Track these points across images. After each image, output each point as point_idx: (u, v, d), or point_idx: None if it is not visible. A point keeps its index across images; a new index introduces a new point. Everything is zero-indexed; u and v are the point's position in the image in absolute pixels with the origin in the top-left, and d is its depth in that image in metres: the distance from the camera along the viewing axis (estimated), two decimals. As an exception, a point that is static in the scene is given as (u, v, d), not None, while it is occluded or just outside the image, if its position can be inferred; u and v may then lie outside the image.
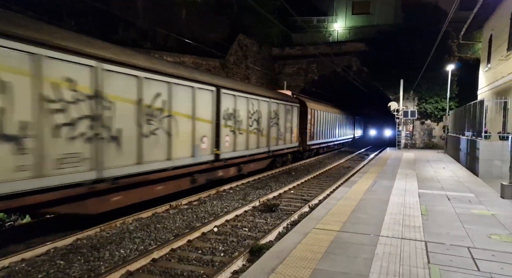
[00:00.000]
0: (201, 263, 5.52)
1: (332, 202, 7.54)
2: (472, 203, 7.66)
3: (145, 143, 7.83)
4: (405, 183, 10.22)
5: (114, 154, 7.06)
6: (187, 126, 9.40)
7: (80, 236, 6.48)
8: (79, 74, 6.30)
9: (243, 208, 8.76)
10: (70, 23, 13.12)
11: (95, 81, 6.61)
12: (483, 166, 11.31)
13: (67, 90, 6.09)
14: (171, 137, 8.71)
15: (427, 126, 25.78)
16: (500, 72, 14.89)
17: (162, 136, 8.42)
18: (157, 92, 8.21)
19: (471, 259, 4.41)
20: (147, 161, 7.92)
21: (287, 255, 4.46)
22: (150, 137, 8.00)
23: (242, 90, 12.47)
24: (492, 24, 16.81)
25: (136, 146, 7.62)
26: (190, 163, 9.50)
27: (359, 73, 26.40)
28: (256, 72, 24.73)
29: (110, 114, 6.96)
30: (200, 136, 9.96)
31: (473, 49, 26.30)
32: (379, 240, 5.08)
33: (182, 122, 9.12)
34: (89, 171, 6.52)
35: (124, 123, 7.28)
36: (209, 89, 10.39)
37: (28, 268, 5.19)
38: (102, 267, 5.29)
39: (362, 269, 4.05)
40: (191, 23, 19.08)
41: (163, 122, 8.44)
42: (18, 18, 5.72)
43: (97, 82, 6.64)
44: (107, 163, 6.87)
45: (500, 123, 14.20)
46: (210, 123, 10.51)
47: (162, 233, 6.91)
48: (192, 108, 9.56)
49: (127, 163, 7.38)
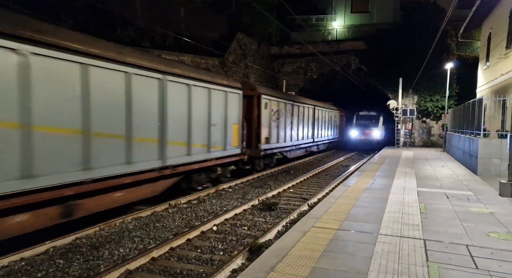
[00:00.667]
0: (200, 261, 5.52)
1: (331, 200, 7.55)
2: (471, 201, 7.68)
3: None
4: (404, 181, 10.23)
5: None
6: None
7: (79, 235, 6.48)
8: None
9: (242, 206, 8.76)
10: (68, 22, 13.08)
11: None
12: (481, 164, 11.33)
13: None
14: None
15: (426, 124, 25.81)
16: (499, 70, 14.90)
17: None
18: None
19: (469, 257, 4.42)
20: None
21: (286, 254, 4.47)
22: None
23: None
24: (491, 22, 16.82)
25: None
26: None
27: (358, 72, 26.41)
28: (255, 71, 24.71)
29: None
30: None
31: (472, 48, 26.32)
32: (378, 238, 5.09)
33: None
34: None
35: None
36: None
37: (27, 267, 5.19)
38: (102, 266, 5.29)
39: (361, 267, 4.06)
40: (190, 22, 19.05)
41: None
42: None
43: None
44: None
45: (498, 121, 14.22)
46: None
47: (161, 232, 6.92)
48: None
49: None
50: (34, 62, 5.50)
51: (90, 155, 6.50)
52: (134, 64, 7.45)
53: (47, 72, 5.73)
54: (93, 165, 6.56)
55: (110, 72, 6.92)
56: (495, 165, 11.11)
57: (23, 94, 5.37)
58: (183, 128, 9.22)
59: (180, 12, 19.28)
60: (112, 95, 7.01)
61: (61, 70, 5.95)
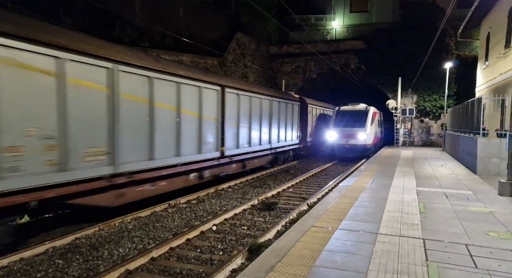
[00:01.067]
0: (200, 261, 5.52)
1: (331, 200, 7.56)
2: (470, 201, 7.69)
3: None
4: (404, 180, 10.24)
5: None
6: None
7: (79, 235, 6.48)
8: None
9: (242, 206, 8.77)
10: (67, 22, 13.05)
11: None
12: (481, 163, 11.34)
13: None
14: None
15: (425, 124, 25.82)
16: (498, 70, 14.92)
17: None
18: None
19: (469, 256, 4.42)
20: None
21: (285, 253, 4.47)
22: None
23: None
24: (490, 22, 16.84)
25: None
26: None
27: (357, 72, 26.42)
28: (255, 70, 24.70)
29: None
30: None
31: (471, 47, 26.33)
32: (378, 238, 5.09)
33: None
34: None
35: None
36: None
37: (27, 268, 5.19)
38: (101, 266, 5.29)
39: (360, 267, 4.07)
40: (189, 22, 19.03)
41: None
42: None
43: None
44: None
45: (498, 120, 14.23)
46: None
47: (161, 232, 6.91)
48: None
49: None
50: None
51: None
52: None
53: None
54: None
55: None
56: (495, 164, 11.13)
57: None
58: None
59: (179, 12, 19.25)
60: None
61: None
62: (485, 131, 11.90)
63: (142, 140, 8.06)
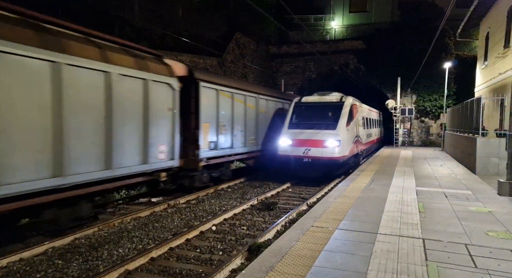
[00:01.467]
0: (199, 261, 5.52)
1: (330, 200, 7.56)
2: (470, 200, 7.69)
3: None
4: (403, 180, 10.25)
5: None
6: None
7: (78, 236, 6.48)
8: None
9: (241, 206, 8.77)
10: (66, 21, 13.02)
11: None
12: (480, 163, 11.35)
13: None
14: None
15: (424, 124, 25.85)
16: (497, 70, 14.93)
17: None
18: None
19: (468, 256, 4.43)
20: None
21: (285, 253, 4.47)
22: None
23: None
24: (489, 22, 16.86)
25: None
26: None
27: (356, 71, 26.44)
28: (254, 70, 24.70)
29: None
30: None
31: (470, 47, 26.37)
32: (377, 238, 5.09)
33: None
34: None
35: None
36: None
37: (26, 268, 5.18)
38: (101, 266, 5.28)
39: (360, 267, 4.07)
40: (188, 22, 19.03)
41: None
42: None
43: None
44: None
45: (497, 120, 14.25)
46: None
47: (161, 232, 6.91)
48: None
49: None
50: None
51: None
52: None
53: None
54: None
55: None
56: (494, 164, 11.14)
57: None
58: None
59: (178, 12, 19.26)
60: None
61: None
62: (484, 131, 11.91)
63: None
